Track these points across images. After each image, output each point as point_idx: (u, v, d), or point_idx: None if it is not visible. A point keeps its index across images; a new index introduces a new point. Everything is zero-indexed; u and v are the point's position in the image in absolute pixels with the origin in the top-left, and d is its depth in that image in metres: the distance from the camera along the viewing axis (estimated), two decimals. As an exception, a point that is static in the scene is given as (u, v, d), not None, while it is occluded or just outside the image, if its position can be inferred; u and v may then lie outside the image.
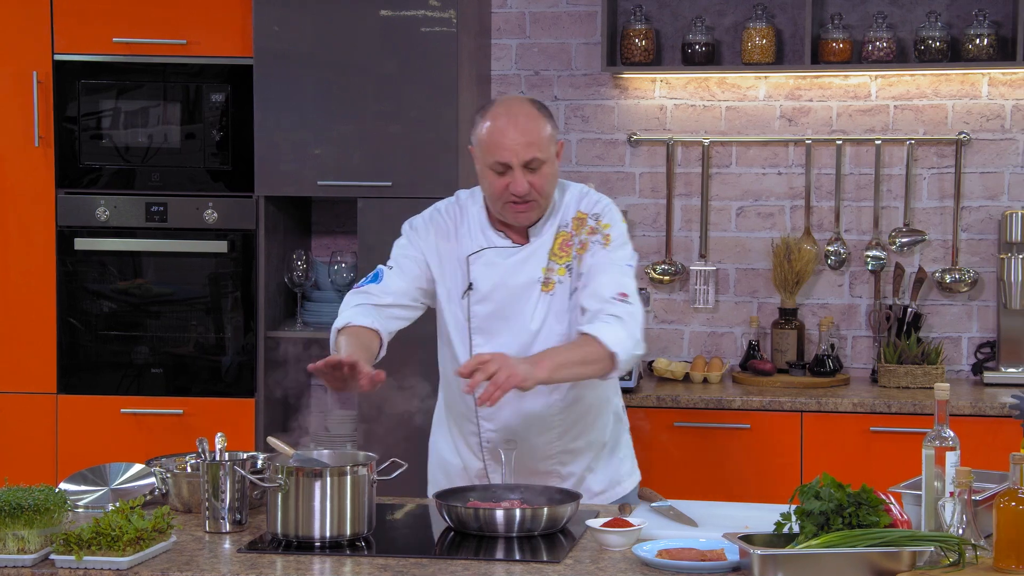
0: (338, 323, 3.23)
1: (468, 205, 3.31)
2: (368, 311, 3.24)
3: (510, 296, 3.23)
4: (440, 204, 3.36)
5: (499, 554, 2.80)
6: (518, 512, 2.89)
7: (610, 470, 3.39)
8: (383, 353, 3.24)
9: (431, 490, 3.41)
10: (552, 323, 3.23)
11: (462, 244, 3.28)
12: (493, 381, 2.90)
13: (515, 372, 2.93)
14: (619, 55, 5.07)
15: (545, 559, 2.76)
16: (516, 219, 3.21)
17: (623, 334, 3.10)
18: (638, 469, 3.48)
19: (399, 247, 3.35)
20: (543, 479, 3.28)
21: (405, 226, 3.38)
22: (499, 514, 2.89)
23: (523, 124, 3.14)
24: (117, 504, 2.81)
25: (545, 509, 2.91)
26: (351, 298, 3.29)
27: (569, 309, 3.23)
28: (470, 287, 3.26)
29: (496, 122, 3.15)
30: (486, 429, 3.30)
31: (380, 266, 3.34)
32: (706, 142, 5.10)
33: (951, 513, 2.62)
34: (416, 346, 3.74)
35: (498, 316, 3.24)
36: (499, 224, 3.27)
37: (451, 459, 3.40)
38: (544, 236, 3.25)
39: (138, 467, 3.25)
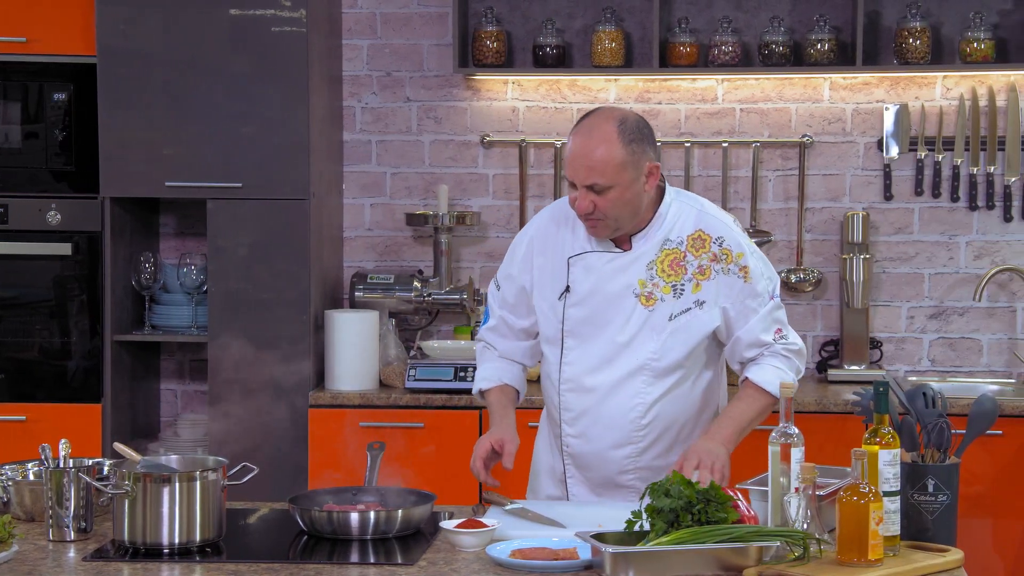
0: (484, 384, 3.35)
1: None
2: (500, 366, 3.35)
3: (605, 303, 3.18)
4: (546, 211, 3.32)
5: (353, 557, 2.79)
6: (372, 514, 2.88)
7: None
8: (523, 393, 3.39)
9: (528, 489, 3.39)
10: (644, 339, 3.16)
11: (566, 245, 3.23)
12: (703, 465, 2.99)
13: (719, 459, 3.04)
14: (471, 57, 5.08)
15: (399, 561, 2.76)
16: (588, 231, 3.17)
17: (790, 373, 3.18)
18: None
19: (504, 265, 3.34)
20: (622, 494, 3.22)
21: (512, 243, 3.36)
22: (353, 517, 2.88)
23: (594, 147, 3.04)
24: (-44, 515, 2.74)
25: (399, 511, 2.91)
26: (480, 350, 3.40)
27: (669, 329, 3.16)
28: (567, 289, 3.21)
29: (575, 138, 3.08)
30: (567, 434, 3.26)
31: (489, 296, 3.37)
32: (559, 144, 5.14)
33: (796, 508, 2.68)
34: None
35: (591, 322, 3.19)
36: None
37: (545, 457, 3.36)
38: (648, 246, 3.17)
39: (-22, 476, 3.17)
